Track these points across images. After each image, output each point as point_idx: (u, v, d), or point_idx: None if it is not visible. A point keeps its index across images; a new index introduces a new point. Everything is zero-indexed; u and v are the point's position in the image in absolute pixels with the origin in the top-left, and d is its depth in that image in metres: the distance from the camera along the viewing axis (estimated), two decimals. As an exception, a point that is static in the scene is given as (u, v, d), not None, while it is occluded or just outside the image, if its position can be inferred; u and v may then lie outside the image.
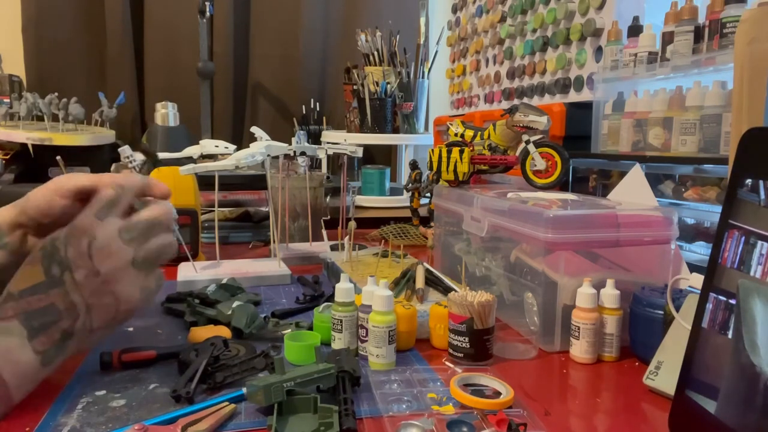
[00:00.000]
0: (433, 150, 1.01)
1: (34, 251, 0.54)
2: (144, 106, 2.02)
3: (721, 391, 0.44)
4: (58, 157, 0.91)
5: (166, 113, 1.76)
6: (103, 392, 0.55)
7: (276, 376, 0.51)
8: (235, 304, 0.73)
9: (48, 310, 0.52)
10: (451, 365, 0.62)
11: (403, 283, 0.79)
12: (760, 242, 0.43)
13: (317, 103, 2.04)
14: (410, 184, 1.34)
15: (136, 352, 0.61)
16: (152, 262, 0.57)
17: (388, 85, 1.67)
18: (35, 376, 0.52)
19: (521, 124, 0.90)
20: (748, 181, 0.45)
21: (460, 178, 0.97)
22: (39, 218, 0.60)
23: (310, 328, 0.70)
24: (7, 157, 1.42)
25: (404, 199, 1.57)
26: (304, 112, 2.04)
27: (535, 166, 0.92)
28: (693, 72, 0.88)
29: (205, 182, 1.08)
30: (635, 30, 1.01)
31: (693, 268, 0.71)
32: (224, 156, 1.00)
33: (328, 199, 1.31)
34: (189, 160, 1.13)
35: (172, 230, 0.59)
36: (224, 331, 0.68)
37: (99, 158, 1.57)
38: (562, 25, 1.22)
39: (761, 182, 0.44)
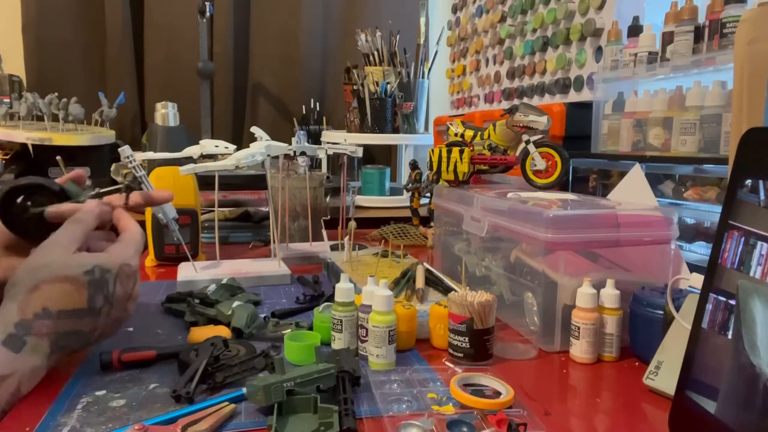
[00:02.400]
0: (433, 150, 1.01)
1: (77, 270, 0.54)
2: (144, 106, 2.02)
3: (721, 392, 0.44)
4: (58, 157, 0.91)
5: (166, 113, 1.76)
6: (103, 392, 0.55)
7: (276, 376, 0.51)
8: (235, 304, 0.73)
9: (75, 334, 0.55)
10: (451, 365, 0.62)
11: (403, 283, 0.79)
12: (759, 243, 0.43)
13: (317, 103, 2.04)
14: (410, 184, 1.34)
15: (136, 352, 0.61)
16: None
17: (388, 85, 1.67)
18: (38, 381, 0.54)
19: (521, 124, 0.90)
20: (748, 182, 0.45)
21: (460, 178, 0.97)
22: None
23: (310, 328, 0.70)
24: (7, 157, 1.42)
25: (404, 199, 1.57)
26: (304, 112, 2.04)
27: (535, 166, 0.92)
28: (693, 72, 0.88)
29: (205, 182, 1.08)
30: (635, 30, 1.01)
31: (693, 268, 0.71)
32: (224, 156, 1.00)
33: (328, 199, 1.31)
34: (189, 160, 1.13)
35: None
36: (224, 331, 0.68)
37: (99, 158, 1.58)
38: (562, 25, 1.22)
39: (761, 182, 0.44)
